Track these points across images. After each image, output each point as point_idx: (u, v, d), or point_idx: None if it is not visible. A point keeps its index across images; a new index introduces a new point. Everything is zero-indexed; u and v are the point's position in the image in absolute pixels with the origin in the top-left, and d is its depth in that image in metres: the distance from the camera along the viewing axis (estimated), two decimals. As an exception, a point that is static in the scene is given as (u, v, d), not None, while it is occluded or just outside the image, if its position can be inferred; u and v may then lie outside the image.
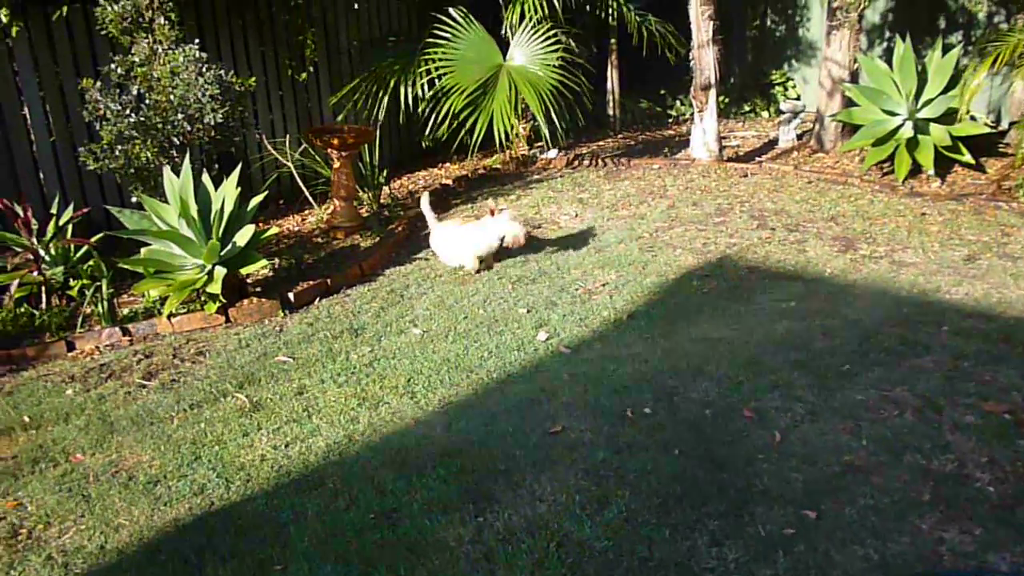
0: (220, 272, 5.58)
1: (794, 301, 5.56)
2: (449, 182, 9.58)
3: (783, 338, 5.02)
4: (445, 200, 8.76)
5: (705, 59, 9.87)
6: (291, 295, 6.06)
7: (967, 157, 8.97)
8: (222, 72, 6.13)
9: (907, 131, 9.06)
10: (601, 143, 11.39)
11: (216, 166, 6.43)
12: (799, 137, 11.09)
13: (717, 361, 4.76)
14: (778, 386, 4.46)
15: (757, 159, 10.35)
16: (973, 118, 9.27)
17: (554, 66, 9.36)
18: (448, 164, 10.48)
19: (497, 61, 9.66)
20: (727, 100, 13.68)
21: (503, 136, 9.00)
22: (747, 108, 13.70)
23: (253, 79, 6.80)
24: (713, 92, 9.96)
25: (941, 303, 5.55)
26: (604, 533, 3.37)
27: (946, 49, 9.45)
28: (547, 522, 3.46)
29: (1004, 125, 10.19)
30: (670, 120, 13.29)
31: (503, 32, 9.96)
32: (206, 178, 5.88)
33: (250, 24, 8.30)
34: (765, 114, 13.35)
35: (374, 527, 3.49)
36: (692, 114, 10.45)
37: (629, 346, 5.02)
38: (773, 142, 11.20)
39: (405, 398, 4.61)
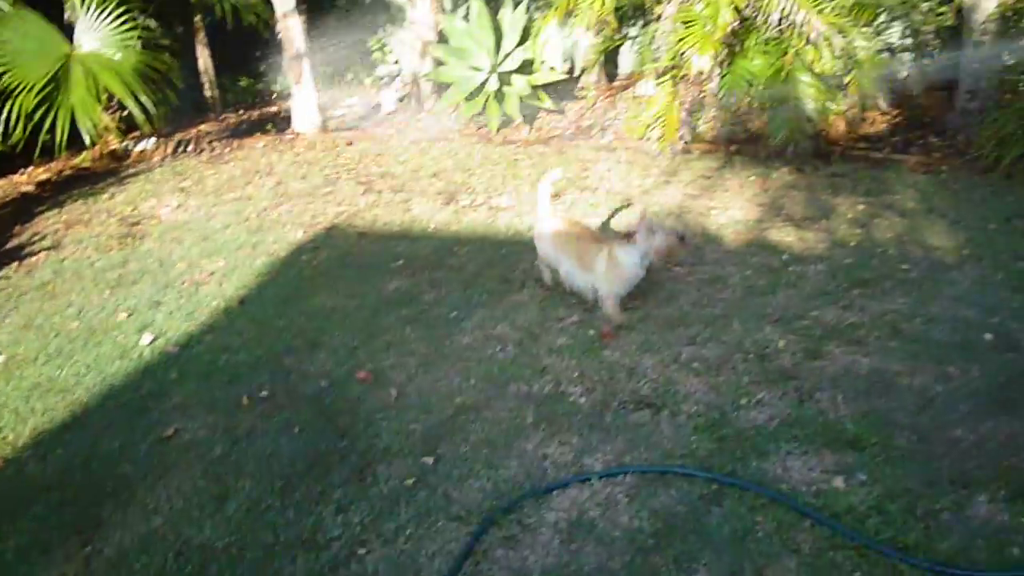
0: None
1: (402, 260, 5.70)
2: (31, 189, 8.57)
3: (394, 297, 5.14)
4: (28, 210, 7.82)
5: (293, 30, 9.73)
6: None
7: (548, 103, 9.76)
8: None
9: (493, 84, 9.63)
10: (202, 127, 10.82)
11: None
12: (400, 100, 11.37)
13: (332, 331, 4.75)
14: (392, 344, 4.56)
15: (363, 126, 10.45)
16: (553, 68, 10.10)
17: (135, 48, 8.67)
18: (32, 168, 9.35)
19: (64, 50, 8.72)
20: (330, 70, 13.62)
21: (91, 131, 8.21)
22: (350, 76, 13.75)
23: None
24: (306, 62, 9.87)
25: (534, 239, 5.98)
26: (226, 530, 3.23)
27: (517, 5, 10.14)
28: (164, 533, 3.24)
29: (578, 72, 11.17)
30: (274, 96, 12.96)
31: (66, 17, 9.02)
32: None
33: None
34: (368, 80, 13.48)
35: (-43, 592, 3.05)
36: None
37: (241, 332, 4.85)
38: (377, 108, 11.37)
39: (-11, 438, 4.07)
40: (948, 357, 4.08)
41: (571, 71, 11.35)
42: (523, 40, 9.73)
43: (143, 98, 8.41)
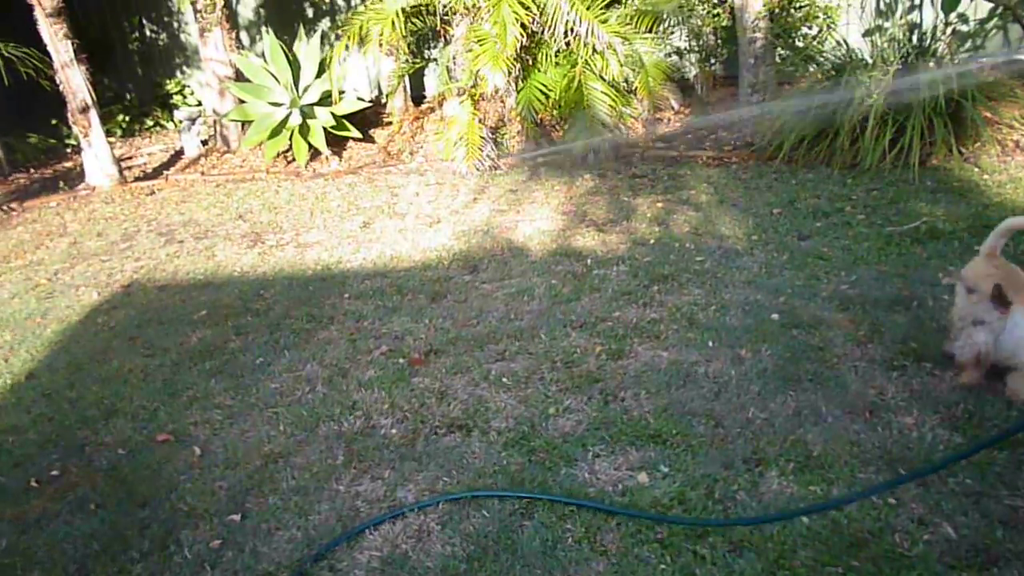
0: None
1: (206, 310, 5.47)
2: None
3: (197, 350, 4.91)
4: None
5: (74, 80, 9.24)
6: None
7: (355, 132, 9.68)
8: None
9: (296, 119, 9.47)
10: (-13, 192, 10.09)
11: None
12: (204, 143, 10.99)
13: (130, 395, 4.50)
14: (195, 400, 4.35)
15: (165, 173, 10.03)
16: (360, 97, 10.02)
17: None
18: None
19: None
20: (128, 118, 13.07)
21: None
22: (150, 123, 13.23)
23: None
24: (94, 113, 9.39)
25: (343, 273, 5.89)
26: (12, 630, 2.97)
27: (312, 36, 10.02)
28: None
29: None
30: (70, 150, 12.26)
31: None
32: None
33: None
34: (171, 125, 13.00)
35: None
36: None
37: (29, 410, 4.51)
38: (181, 153, 10.94)
39: None
40: (740, 341, 4.27)
41: (379, 98, 11.32)
42: (321, 72, 9.63)
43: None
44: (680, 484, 3.24)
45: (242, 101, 9.95)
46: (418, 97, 11.00)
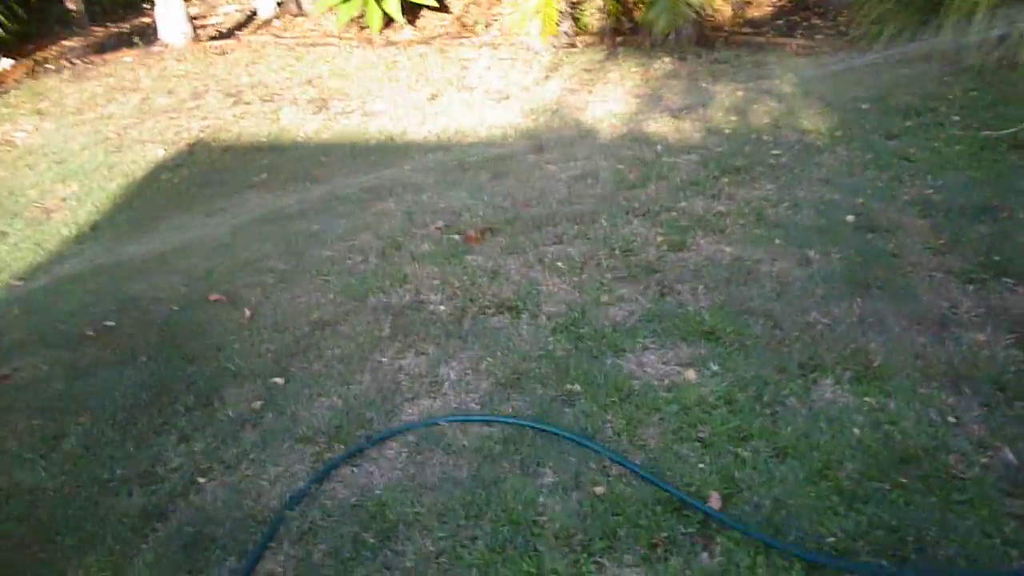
0: None
1: (266, 173, 5.44)
2: None
3: (253, 213, 4.90)
4: None
5: (150, -68, 9.05)
6: None
7: (430, 0, 9.36)
8: None
9: (370, -17, 9.18)
10: (67, 43, 10.14)
11: None
12: (279, 4, 10.79)
13: (187, 254, 4.52)
14: (249, 263, 4.36)
15: (238, 33, 9.91)
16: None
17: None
18: None
19: None
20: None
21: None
22: (227, -19, 13.00)
23: None
24: (169, -33, 9.23)
25: (406, 144, 5.79)
26: (60, 470, 3.06)
27: None
28: (-9, 480, 3.06)
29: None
30: (148, 5, 12.16)
31: None
32: None
33: None
34: (247, -15, 12.76)
35: None
36: (157, -5, 9.65)
37: (91, 260, 4.58)
38: (255, 14, 10.78)
39: None
40: (809, 241, 4.06)
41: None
42: (400, -67, 9.26)
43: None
44: (729, 384, 3.12)
45: (317, -38, 9.68)
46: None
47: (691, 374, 3.21)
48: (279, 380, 3.42)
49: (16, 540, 2.75)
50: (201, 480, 2.93)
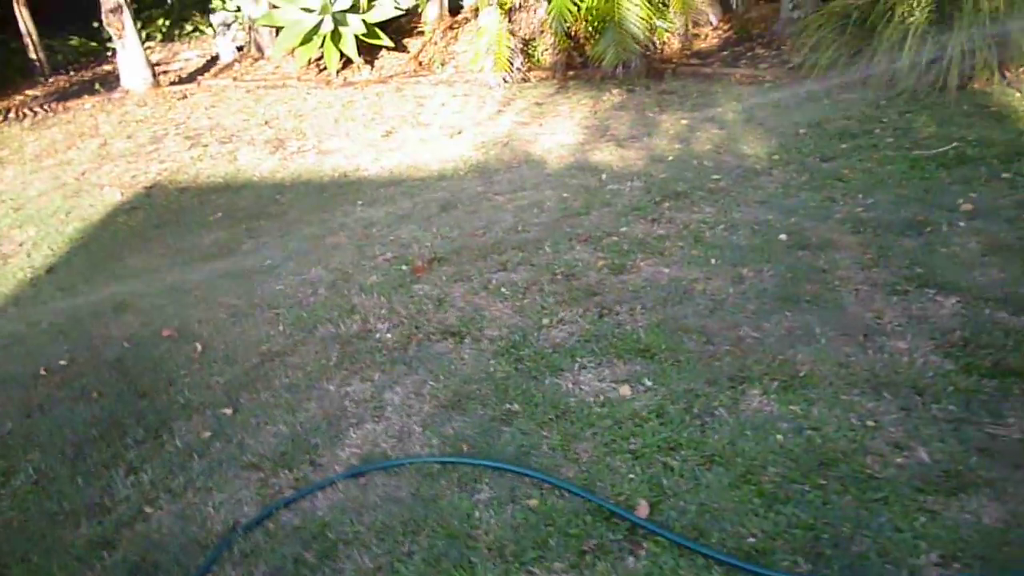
0: None
1: (222, 212, 5.55)
2: None
3: (210, 251, 5.02)
4: None
5: (107, -20, 9.21)
6: None
7: (386, 41, 9.55)
8: None
9: (327, 25, 9.36)
10: (28, 92, 10.25)
11: None
12: (239, 49, 10.95)
13: (141, 293, 4.61)
14: (202, 299, 4.45)
15: (199, 78, 10.05)
16: (398, 6, 9.83)
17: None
18: None
19: None
20: (168, 22, 13.07)
21: None
22: (189, 28, 13.20)
23: None
24: (127, 14, 9.38)
25: (360, 180, 5.91)
26: (10, 505, 3.13)
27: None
28: (-58, 517, 3.11)
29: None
30: (110, 53, 12.30)
31: None
32: None
33: None
34: (210, 31, 12.95)
35: None
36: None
37: (46, 302, 4.65)
38: (216, 59, 10.93)
39: None
40: (744, 260, 4.21)
41: (416, 7, 11.12)
42: (354, -22, 9.46)
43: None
44: (661, 398, 3.24)
45: (275, 7, 9.85)
46: (455, 7, 10.78)
47: (625, 390, 3.32)
48: (228, 411, 3.51)
49: (-37, 573, 2.80)
50: (148, 509, 3.00)
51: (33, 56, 10.99)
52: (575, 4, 7.51)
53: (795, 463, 2.83)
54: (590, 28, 8.05)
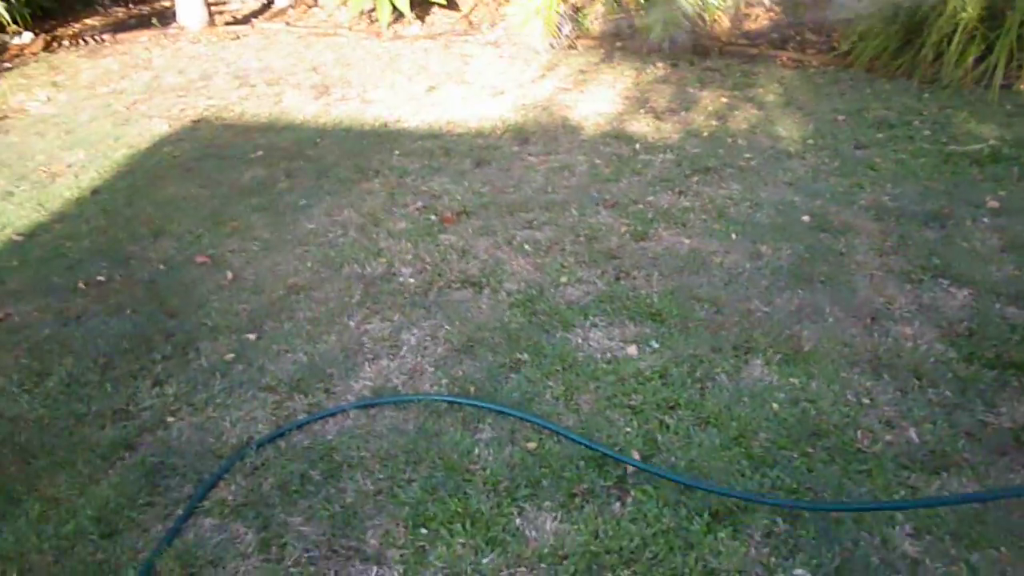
0: None
1: (262, 151, 5.69)
2: None
3: (248, 187, 5.15)
4: None
5: (172, -83, 9.34)
6: None
7: (440, -1, 9.62)
8: None
9: (382, -23, 9.43)
10: (87, 21, 10.42)
11: None
12: (294, -6, 11.06)
13: (179, 220, 4.77)
14: (237, 231, 4.60)
15: (252, 20, 10.19)
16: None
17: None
18: None
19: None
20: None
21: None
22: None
23: None
24: (188, -48, 9.52)
25: (398, 131, 6.02)
26: (41, 403, 3.30)
27: None
28: (-22, 409, 3.31)
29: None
30: (168, -11, 12.47)
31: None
32: None
33: None
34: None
35: None
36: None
37: (89, 221, 4.83)
38: (271, 2, 11.05)
39: None
40: (763, 237, 4.28)
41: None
42: (413, -70, 9.51)
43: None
44: (666, 360, 3.35)
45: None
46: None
47: (632, 350, 3.43)
48: (251, 336, 3.66)
49: (-5, 459, 3.00)
50: (169, 419, 3.17)
51: (94, -14, 11.17)
52: (628, -25, 7.52)
53: (787, 431, 2.94)
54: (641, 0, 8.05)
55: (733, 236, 4.30)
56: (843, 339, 3.45)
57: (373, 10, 9.67)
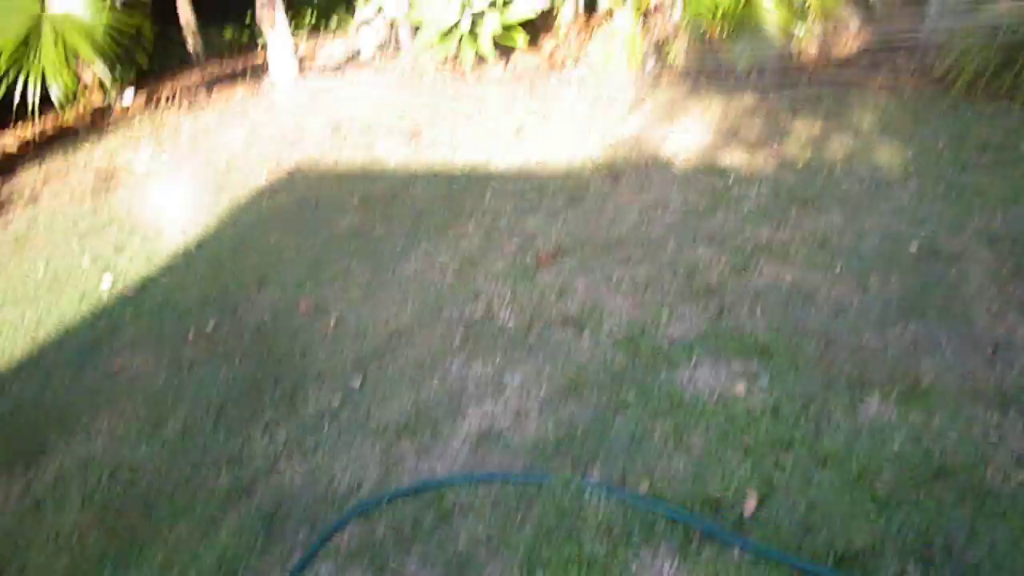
0: None
1: (358, 198, 5.81)
2: (14, 148, 8.70)
3: (345, 233, 5.26)
4: (10, 168, 7.98)
5: (263, -24, 9.73)
6: None
7: (521, 41, 9.73)
8: None
9: (466, 24, 9.61)
10: (184, 80, 10.89)
11: None
12: (380, 46, 11.35)
13: (281, 268, 4.89)
14: (337, 277, 4.69)
15: (340, 70, 10.49)
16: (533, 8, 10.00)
17: (107, 7, 8.74)
18: (11, 129, 9.50)
19: (34, 11, 8.80)
20: (315, 16, 13.65)
21: (67, 92, 8.36)
22: (334, 23, 13.75)
23: None
24: (280, 8, 9.87)
25: (488, 173, 6.08)
26: (160, 451, 3.41)
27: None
28: (102, 456, 3.43)
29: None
30: (259, 47, 12.95)
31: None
32: None
33: None
34: (352, 26, 13.45)
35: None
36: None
37: (196, 272, 5.00)
38: (358, 53, 11.37)
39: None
40: (870, 268, 4.16)
41: (551, 7, 11.24)
42: (495, -23, 9.68)
43: (116, 60, 8.52)
44: (776, 397, 3.27)
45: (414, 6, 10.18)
46: (591, 6, 10.85)
47: (740, 388, 3.36)
48: (357, 381, 3.72)
49: (118, 506, 3.10)
50: (282, 465, 3.23)
51: (191, 47, 11.68)
52: (710, 9, 7.48)
53: (911, 471, 2.82)
54: (726, 32, 8.00)
55: (838, 268, 4.19)
56: (964, 373, 3.31)
57: (457, 55, 9.84)
